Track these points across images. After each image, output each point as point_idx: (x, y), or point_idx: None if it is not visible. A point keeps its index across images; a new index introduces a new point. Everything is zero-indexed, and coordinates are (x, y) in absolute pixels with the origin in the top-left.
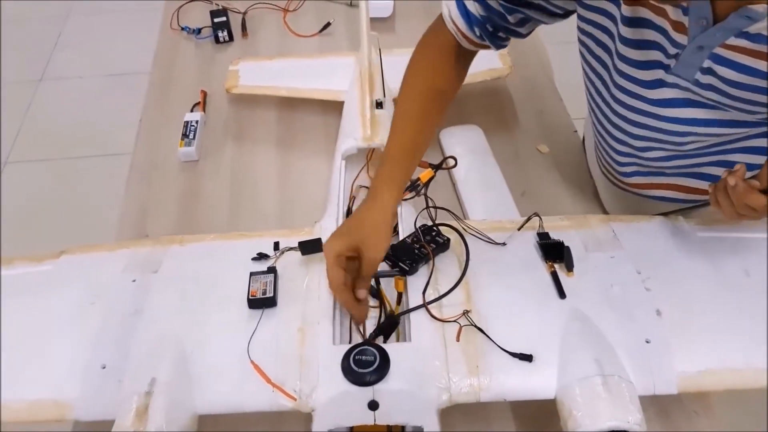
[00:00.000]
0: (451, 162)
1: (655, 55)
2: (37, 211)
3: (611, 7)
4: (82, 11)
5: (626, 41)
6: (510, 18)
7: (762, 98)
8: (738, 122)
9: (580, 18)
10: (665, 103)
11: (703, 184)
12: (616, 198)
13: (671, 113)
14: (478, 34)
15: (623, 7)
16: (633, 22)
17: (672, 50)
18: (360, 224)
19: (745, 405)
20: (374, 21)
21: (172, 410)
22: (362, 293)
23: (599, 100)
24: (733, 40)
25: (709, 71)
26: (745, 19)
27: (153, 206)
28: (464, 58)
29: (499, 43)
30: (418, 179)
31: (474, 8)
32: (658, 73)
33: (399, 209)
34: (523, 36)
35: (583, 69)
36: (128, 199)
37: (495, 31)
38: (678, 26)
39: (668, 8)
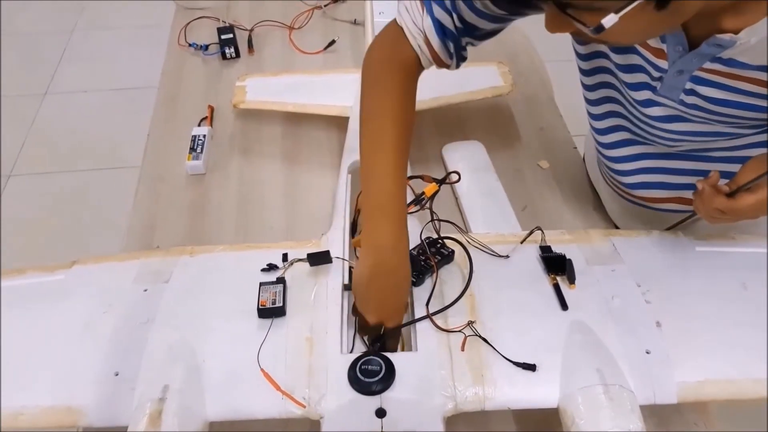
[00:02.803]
0: (455, 177)
1: (643, 78)
2: (45, 223)
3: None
4: (88, 26)
5: (618, 66)
6: (483, 29)
7: (747, 113)
8: (731, 133)
9: (579, 57)
10: (658, 119)
11: None
12: (624, 209)
13: (664, 126)
14: (451, 50)
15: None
16: (620, 49)
17: (656, 74)
18: (382, 297)
19: (744, 417)
20: None
21: (185, 416)
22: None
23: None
24: (709, 65)
25: (692, 92)
26: (716, 47)
27: (161, 218)
28: (417, 74)
29: (459, 61)
30: (423, 193)
31: (449, 22)
32: (648, 94)
33: None
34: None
35: (585, 89)
36: (136, 212)
37: (463, 46)
38: (658, 53)
39: None
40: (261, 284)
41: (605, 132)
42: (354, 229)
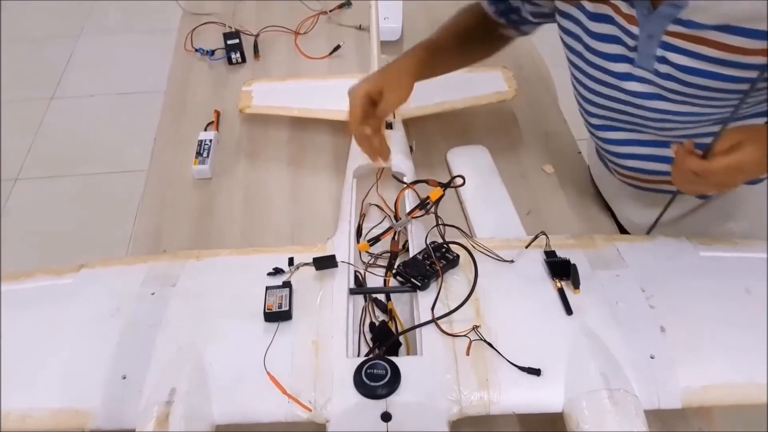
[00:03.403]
0: (459, 180)
1: (620, 50)
2: (52, 227)
3: (577, 12)
4: (94, 31)
5: (593, 35)
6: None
7: (716, 84)
8: (710, 114)
9: (559, 26)
10: (638, 95)
11: None
12: (619, 190)
13: (646, 104)
14: (494, 10)
15: (588, 4)
16: (596, 17)
17: (631, 42)
18: (386, 72)
19: (749, 422)
20: (383, 44)
21: (192, 420)
22: (366, 129)
23: (579, 88)
24: (672, 27)
25: (663, 60)
26: (673, 7)
27: (168, 222)
28: (493, 26)
29: (512, 24)
30: (428, 197)
31: None
32: (626, 67)
33: (410, 226)
34: (532, 24)
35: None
36: (143, 216)
37: (507, 11)
38: (630, 19)
39: (620, 3)
40: (267, 288)
41: (594, 116)
42: (359, 233)
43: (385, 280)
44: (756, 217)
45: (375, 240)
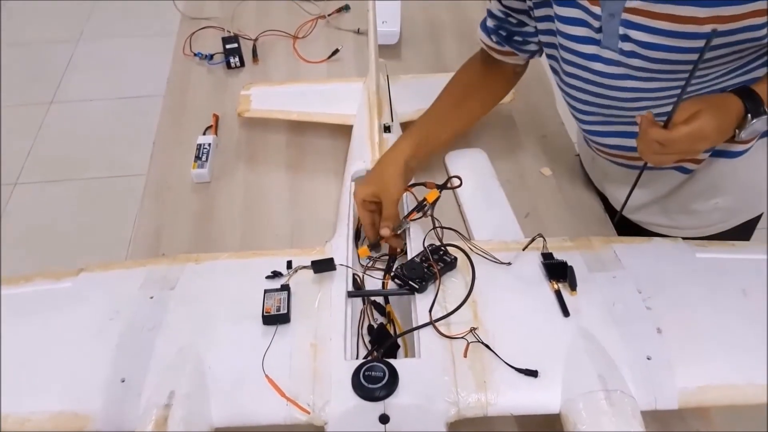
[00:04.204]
0: (456, 181)
1: (586, 32)
2: (51, 231)
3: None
4: (94, 35)
5: (562, 19)
6: (513, 21)
7: (676, 56)
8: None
9: (534, 17)
10: (608, 76)
11: None
12: (608, 171)
13: (616, 84)
14: (495, 40)
15: None
16: (562, 1)
17: (596, 24)
18: (378, 175)
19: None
20: (381, 48)
21: (191, 422)
22: (385, 231)
23: (559, 75)
24: (630, 3)
25: (626, 38)
26: None
27: (167, 226)
28: (495, 66)
29: (518, 47)
30: (425, 199)
31: (490, 21)
32: (594, 48)
33: (408, 227)
34: (536, 44)
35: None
36: (142, 219)
37: (509, 35)
38: (593, 1)
39: None
40: (266, 291)
41: (574, 98)
42: (357, 236)
43: (383, 283)
44: (740, 190)
45: (376, 245)
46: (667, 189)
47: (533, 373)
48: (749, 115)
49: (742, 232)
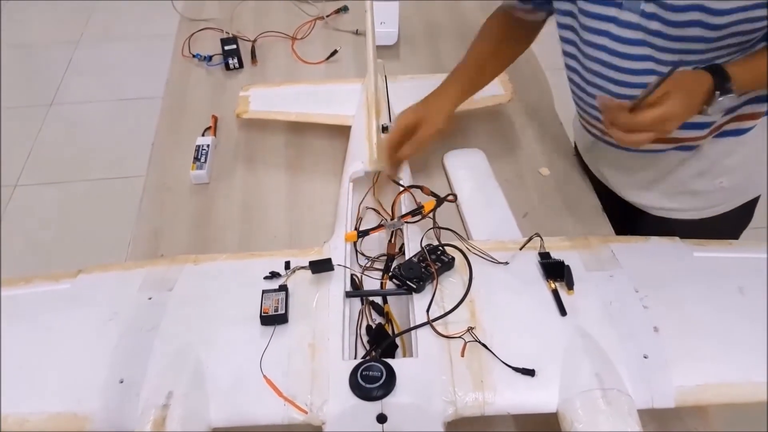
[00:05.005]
0: (451, 198)
1: None
2: (50, 232)
3: None
4: (93, 38)
5: None
6: None
7: (702, 33)
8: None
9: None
10: (624, 41)
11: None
12: (607, 157)
13: (631, 51)
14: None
15: None
16: None
17: None
18: (425, 109)
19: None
20: (380, 49)
21: (189, 422)
22: (407, 150)
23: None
24: None
25: None
26: None
27: (165, 227)
28: (517, 22)
29: (539, 3)
30: (422, 206)
31: None
32: (614, 11)
33: (405, 229)
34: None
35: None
36: (141, 221)
37: None
38: None
39: None
40: (264, 292)
41: (587, 70)
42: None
43: (381, 283)
44: (746, 169)
45: (364, 233)
46: (668, 169)
47: (530, 373)
48: (717, 92)
49: (744, 212)
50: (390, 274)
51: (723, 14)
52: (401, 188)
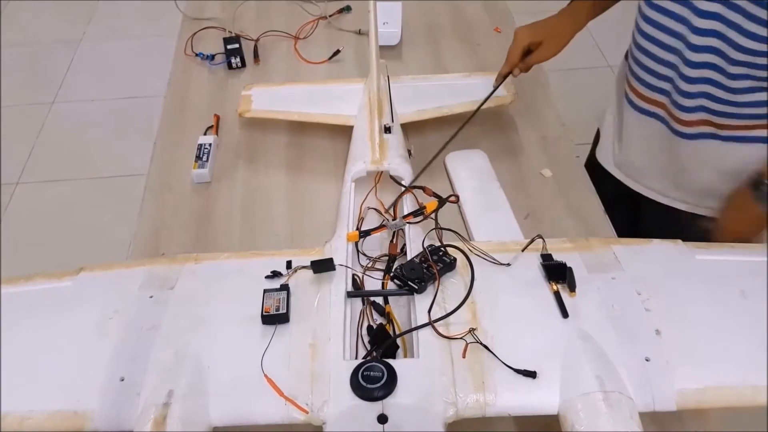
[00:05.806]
0: (453, 199)
1: None
2: (52, 230)
3: None
4: (95, 36)
5: None
6: None
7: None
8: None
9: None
10: (700, 32)
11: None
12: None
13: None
14: None
15: None
16: None
17: None
18: (549, 25)
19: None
20: (382, 49)
21: (189, 422)
22: (516, 71)
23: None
24: None
25: None
26: None
27: (167, 226)
28: None
29: None
30: (424, 207)
31: None
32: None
33: (407, 230)
34: None
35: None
36: (142, 219)
37: None
38: None
39: None
40: (265, 291)
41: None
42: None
43: (382, 283)
44: None
45: (366, 233)
46: (695, 164)
47: (532, 374)
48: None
49: None
50: (391, 274)
51: None
52: (403, 188)
